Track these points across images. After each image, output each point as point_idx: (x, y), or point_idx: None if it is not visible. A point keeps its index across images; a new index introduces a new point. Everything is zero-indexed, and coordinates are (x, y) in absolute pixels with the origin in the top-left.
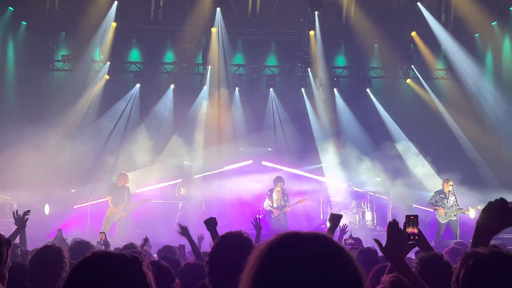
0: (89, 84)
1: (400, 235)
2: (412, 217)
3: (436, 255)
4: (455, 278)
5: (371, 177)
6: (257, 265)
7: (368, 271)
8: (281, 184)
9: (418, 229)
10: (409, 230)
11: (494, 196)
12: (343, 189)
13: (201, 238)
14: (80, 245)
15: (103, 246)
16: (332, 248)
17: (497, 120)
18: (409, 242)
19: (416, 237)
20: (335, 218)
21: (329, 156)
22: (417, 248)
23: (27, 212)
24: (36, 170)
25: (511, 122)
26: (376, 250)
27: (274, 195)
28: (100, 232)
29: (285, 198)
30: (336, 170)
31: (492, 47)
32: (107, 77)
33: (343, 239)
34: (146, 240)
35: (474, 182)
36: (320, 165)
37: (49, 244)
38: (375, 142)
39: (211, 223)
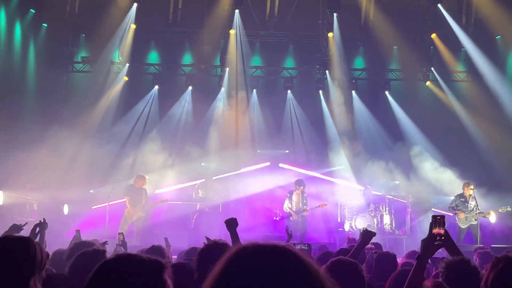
0: (108, 85)
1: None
2: (439, 217)
3: (463, 259)
4: (484, 282)
5: (389, 180)
6: (217, 270)
7: (387, 275)
8: (302, 187)
9: (445, 230)
10: (436, 230)
11: None
12: (360, 192)
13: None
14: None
15: (121, 247)
16: (290, 259)
17: None
18: (435, 243)
19: (443, 238)
20: (367, 235)
21: (346, 158)
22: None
23: (44, 226)
24: (55, 171)
25: None
26: (395, 255)
27: (294, 197)
28: (118, 233)
29: (304, 201)
30: (353, 172)
31: None
32: (126, 78)
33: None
34: (166, 240)
35: (494, 186)
36: (337, 168)
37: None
38: (393, 145)
39: (231, 224)
